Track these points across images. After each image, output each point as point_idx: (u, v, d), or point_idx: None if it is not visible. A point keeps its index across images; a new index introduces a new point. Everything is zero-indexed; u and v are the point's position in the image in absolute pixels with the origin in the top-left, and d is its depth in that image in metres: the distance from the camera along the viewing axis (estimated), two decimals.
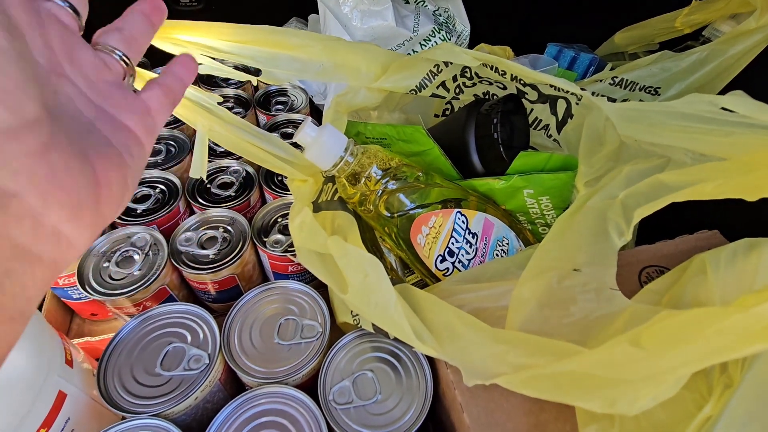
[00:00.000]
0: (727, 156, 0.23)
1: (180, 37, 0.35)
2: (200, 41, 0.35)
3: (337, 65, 0.37)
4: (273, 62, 0.36)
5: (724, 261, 0.30)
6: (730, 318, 0.17)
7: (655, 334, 0.19)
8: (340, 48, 0.37)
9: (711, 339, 0.17)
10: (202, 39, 0.35)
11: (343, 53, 0.37)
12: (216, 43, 0.35)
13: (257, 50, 0.35)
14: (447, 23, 0.75)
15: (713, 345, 0.17)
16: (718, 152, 0.23)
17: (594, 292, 0.29)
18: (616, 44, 0.65)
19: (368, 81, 0.39)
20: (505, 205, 0.45)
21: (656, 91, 0.47)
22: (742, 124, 0.21)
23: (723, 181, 0.22)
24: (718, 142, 0.22)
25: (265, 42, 0.35)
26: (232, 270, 0.43)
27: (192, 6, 0.75)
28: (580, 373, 0.21)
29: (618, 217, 0.30)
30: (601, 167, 0.37)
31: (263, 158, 0.38)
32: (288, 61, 0.36)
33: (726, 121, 0.22)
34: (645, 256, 0.42)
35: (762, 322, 0.16)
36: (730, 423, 0.22)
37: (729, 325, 0.17)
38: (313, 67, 0.37)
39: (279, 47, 0.36)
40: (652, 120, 0.25)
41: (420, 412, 0.33)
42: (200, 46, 0.35)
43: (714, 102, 0.22)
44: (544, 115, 0.43)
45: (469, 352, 0.27)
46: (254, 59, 0.36)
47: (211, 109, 0.36)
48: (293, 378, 0.34)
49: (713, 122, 0.22)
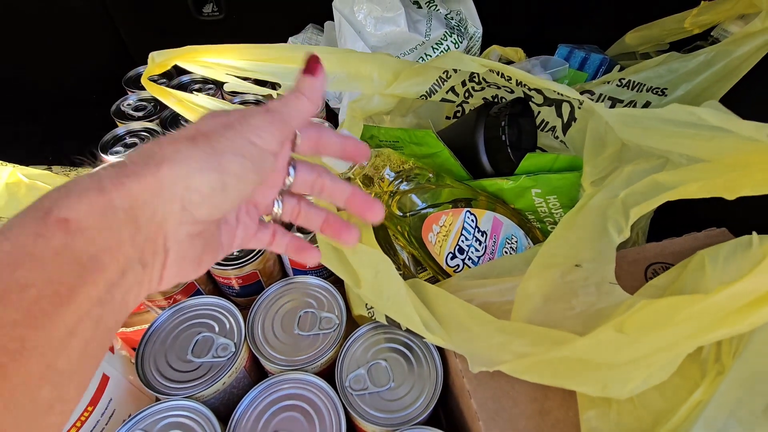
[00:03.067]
0: (711, 158, 0.24)
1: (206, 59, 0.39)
2: (224, 62, 0.38)
3: (350, 75, 0.40)
4: (290, 77, 0.39)
5: (723, 257, 0.32)
6: (700, 304, 0.18)
7: (636, 321, 0.21)
8: (353, 59, 0.40)
9: (683, 324, 0.19)
10: (226, 60, 0.38)
11: (356, 64, 0.40)
12: (238, 63, 0.38)
13: (275, 67, 0.38)
14: (459, 26, 0.76)
15: (686, 330, 0.19)
16: (703, 155, 0.25)
17: (594, 286, 0.31)
18: (627, 44, 0.66)
19: (381, 88, 0.41)
20: (514, 205, 0.46)
21: (663, 92, 0.48)
22: (720, 129, 0.22)
23: (706, 181, 0.24)
24: (702, 146, 0.23)
25: (282, 59, 0.38)
26: (254, 266, 0.46)
27: (214, 16, 0.79)
28: (574, 359, 0.23)
29: (618, 215, 0.32)
30: (605, 168, 0.39)
31: None
32: None
33: (707, 126, 0.23)
34: (652, 253, 0.43)
35: (724, 308, 0.18)
36: (718, 407, 0.24)
37: (697, 311, 0.18)
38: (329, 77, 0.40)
39: (295, 63, 0.38)
40: (645, 125, 0.26)
41: (430, 399, 0.35)
42: (224, 66, 0.38)
43: (692, 112, 0.24)
44: (551, 118, 0.45)
45: (475, 342, 0.29)
46: (274, 75, 0.39)
47: None
48: (312, 366, 0.37)
49: (696, 127, 0.23)
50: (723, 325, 0.18)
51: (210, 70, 0.40)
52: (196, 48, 0.40)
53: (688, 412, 0.25)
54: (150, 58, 0.42)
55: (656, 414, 0.27)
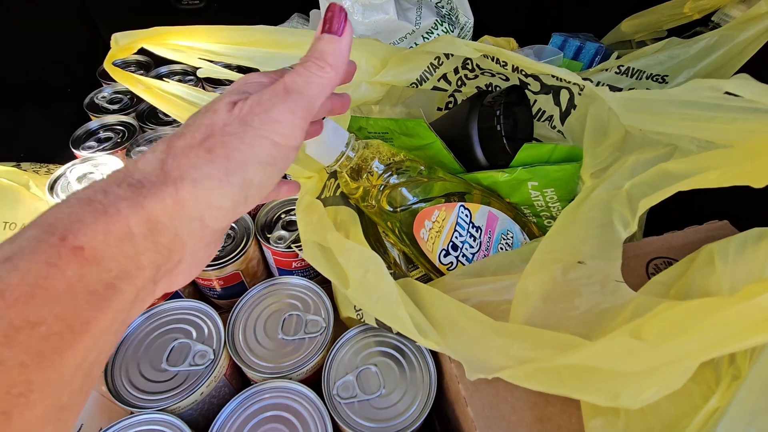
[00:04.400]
0: (732, 143, 0.22)
1: (177, 42, 0.36)
2: (198, 45, 0.35)
3: None
4: (270, 62, 0.36)
5: (733, 251, 0.30)
6: (732, 308, 0.16)
7: (656, 326, 0.18)
8: None
9: (712, 330, 0.17)
10: (199, 43, 0.35)
11: None
12: (213, 47, 0.35)
13: (254, 51, 0.35)
14: (450, 15, 0.74)
15: (715, 336, 0.17)
16: (722, 139, 0.23)
17: (599, 285, 0.29)
18: (623, 32, 0.64)
19: (368, 75, 0.39)
20: (509, 198, 0.44)
21: (663, 79, 0.46)
22: (746, 109, 0.20)
23: (727, 169, 0.22)
24: (721, 129, 0.21)
25: (261, 42, 0.35)
26: (236, 266, 0.44)
27: (194, 5, 0.75)
28: (582, 367, 0.21)
29: (623, 208, 0.30)
30: (606, 158, 0.37)
31: None
32: (285, 60, 0.36)
33: (729, 106, 0.21)
34: (653, 248, 0.42)
35: (758, 314, 0.16)
36: (737, 415, 0.22)
37: (731, 315, 0.16)
38: None
39: (276, 47, 0.35)
40: (655, 109, 0.24)
41: (424, 406, 0.33)
42: (198, 50, 0.35)
43: (717, 87, 0.22)
44: (548, 106, 0.43)
45: (472, 346, 0.27)
46: (252, 60, 0.36)
47: None
48: (297, 373, 0.35)
49: (716, 108, 0.21)
50: (756, 333, 0.16)
51: (181, 54, 0.37)
52: (166, 29, 0.37)
53: (705, 421, 0.23)
54: (113, 39, 0.38)
55: (668, 422, 0.25)
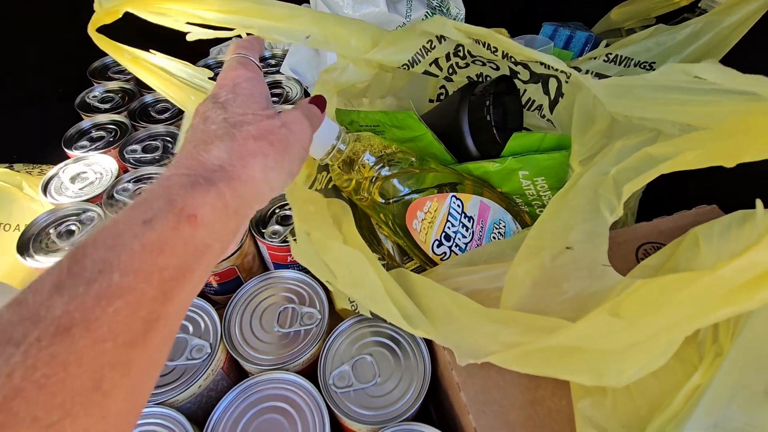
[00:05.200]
0: (707, 125, 0.22)
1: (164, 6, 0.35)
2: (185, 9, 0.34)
3: (326, 37, 0.36)
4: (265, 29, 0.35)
5: (718, 233, 0.30)
6: (701, 281, 0.17)
7: (633, 303, 0.19)
8: (329, 21, 0.36)
9: (684, 304, 0.17)
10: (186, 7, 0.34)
11: (333, 25, 0.36)
12: (203, 13, 0.34)
13: (246, 20, 0.35)
14: (441, 7, 0.74)
15: (687, 310, 0.17)
16: (698, 122, 0.23)
17: (586, 269, 0.29)
18: (613, 21, 0.64)
19: (359, 53, 0.38)
20: (501, 188, 0.45)
21: (651, 66, 0.47)
22: (717, 92, 0.21)
23: (703, 150, 0.22)
24: (697, 112, 0.22)
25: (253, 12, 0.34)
26: (232, 262, 0.44)
27: None
28: (567, 348, 0.22)
29: (609, 194, 0.30)
30: (594, 145, 0.37)
31: None
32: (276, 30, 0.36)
33: (702, 90, 0.21)
34: (642, 233, 0.42)
35: (727, 284, 0.16)
36: (719, 391, 0.23)
37: (699, 288, 0.17)
38: (301, 36, 0.36)
39: (267, 18, 0.35)
40: (636, 94, 0.24)
41: (418, 393, 0.33)
42: (185, 14, 0.34)
43: (687, 71, 0.22)
44: (537, 96, 0.43)
45: (463, 332, 0.28)
46: (243, 27, 0.35)
47: (202, 88, 0.35)
48: (294, 364, 0.35)
49: (691, 92, 0.22)
50: (729, 303, 0.17)
51: (168, 18, 0.35)
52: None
53: (687, 397, 0.23)
54: (96, 3, 0.37)
55: (653, 400, 0.25)
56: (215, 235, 0.20)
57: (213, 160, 0.21)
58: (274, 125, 0.23)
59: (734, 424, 0.22)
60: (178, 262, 0.18)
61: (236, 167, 0.21)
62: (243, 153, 0.22)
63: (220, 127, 0.22)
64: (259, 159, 0.22)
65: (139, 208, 0.18)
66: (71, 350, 0.14)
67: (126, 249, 0.16)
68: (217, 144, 0.22)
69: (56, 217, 0.45)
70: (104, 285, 0.15)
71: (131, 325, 0.16)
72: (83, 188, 0.49)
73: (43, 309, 0.14)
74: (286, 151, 0.23)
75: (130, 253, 0.16)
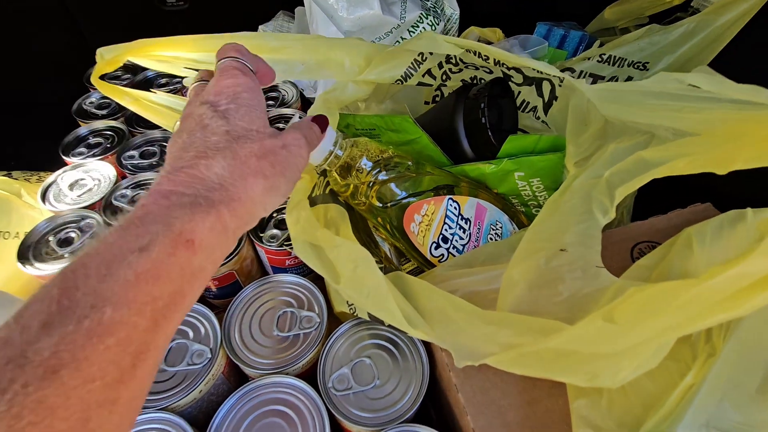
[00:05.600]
0: (700, 131, 0.23)
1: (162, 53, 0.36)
2: (182, 55, 0.35)
3: (320, 62, 0.37)
4: None
5: (710, 234, 0.31)
6: (691, 290, 0.17)
7: (627, 309, 0.19)
8: (321, 45, 0.37)
9: (676, 311, 0.18)
10: (183, 53, 0.35)
11: (325, 50, 0.37)
12: (197, 56, 0.35)
13: None
14: (435, 7, 0.74)
15: (679, 317, 0.18)
16: (691, 128, 0.23)
17: (580, 271, 0.30)
18: (607, 20, 0.65)
19: (353, 75, 0.39)
20: (497, 189, 0.45)
21: (645, 66, 0.47)
22: (710, 99, 0.21)
23: (695, 156, 0.23)
24: (690, 119, 0.22)
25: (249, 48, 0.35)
26: (230, 266, 0.44)
27: (179, 5, 0.75)
28: (562, 350, 0.22)
29: (603, 196, 0.30)
30: (588, 147, 0.38)
31: None
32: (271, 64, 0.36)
33: (695, 97, 0.22)
34: (637, 232, 0.42)
35: (719, 293, 0.17)
36: (711, 390, 0.23)
37: (691, 297, 0.17)
38: (296, 67, 0.37)
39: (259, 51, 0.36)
40: (629, 100, 0.25)
41: (417, 395, 0.34)
42: (183, 60, 0.36)
43: (681, 80, 0.22)
44: (531, 98, 0.43)
45: (460, 334, 0.28)
46: None
47: None
48: (293, 368, 0.35)
49: (684, 99, 0.22)
50: (719, 311, 0.17)
51: (166, 64, 0.37)
52: (150, 41, 0.37)
53: (681, 397, 0.24)
54: (98, 54, 0.38)
55: (648, 399, 0.26)
56: (211, 258, 0.20)
57: (213, 177, 0.20)
58: (276, 145, 0.23)
59: (726, 422, 0.23)
60: (173, 289, 0.17)
61: (237, 187, 0.21)
62: (244, 172, 0.21)
63: (221, 140, 0.22)
64: (259, 180, 0.22)
65: (135, 230, 0.18)
66: (59, 393, 0.14)
67: (120, 279, 0.16)
68: (218, 159, 0.21)
69: (55, 225, 0.46)
70: (95, 321, 0.15)
71: (121, 361, 0.15)
72: (82, 195, 0.49)
73: (31, 351, 0.14)
74: (284, 173, 0.23)
75: (123, 284, 0.16)
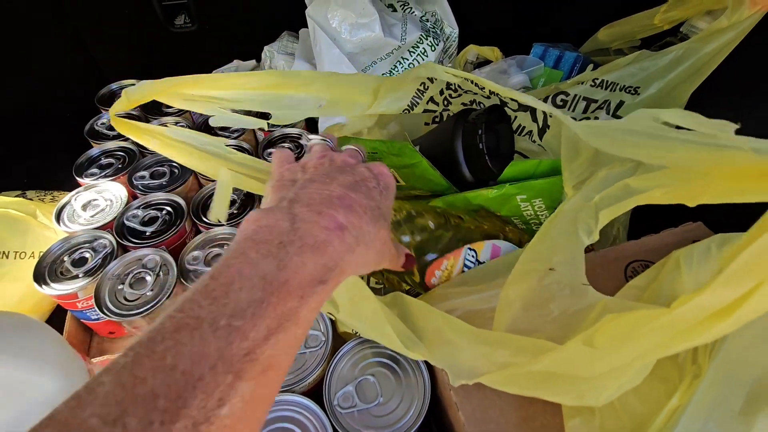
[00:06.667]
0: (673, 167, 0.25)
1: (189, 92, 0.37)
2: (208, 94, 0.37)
3: (334, 101, 0.39)
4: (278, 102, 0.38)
5: (697, 257, 0.32)
6: (661, 319, 0.19)
7: (605, 335, 0.21)
8: (335, 82, 0.39)
9: (648, 338, 0.20)
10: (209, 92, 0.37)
11: (341, 87, 0.39)
12: (223, 94, 0.37)
13: (263, 94, 0.37)
14: (435, 28, 0.76)
15: (650, 343, 0.20)
16: (666, 164, 0.25)
17: (569, 289, 0.31)
18: (601, 41, 0.67)
19: (363, 110, 0.41)
20: (500, 212, 0.46)
21: (636, 90, 0.49)
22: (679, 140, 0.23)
23: (669, 188, 0.24)
24: (664, 156, 0.24)
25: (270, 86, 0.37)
26: None
27: (186, 27, 0.77)
28: (551, 371, 0.24)
29: (589, 219, 0.32)
30: (582, 172, 0.39)
31: None
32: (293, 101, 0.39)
33: (667, 137, 0.24)
34: (631, 251, 0.44)
35: (685, 322, 0.18)
36: (696, 410, 0.24)
37: (660, 325, 0.19)
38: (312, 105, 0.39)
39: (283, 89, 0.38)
40: (610, 136, 0.27)
41: (419, 413, 0.35)
42: (208, 98, 0.37)
43: (657, 117, 0.24)
44: (527, 122, 0.45)
45: (456, 354, 0.30)
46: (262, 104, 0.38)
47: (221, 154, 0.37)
48: (300, 386, 0.37)
49: (657, 138, 0.24)
50: (685, 340, 0.19)
51: (192, 103, 0.38)
52: (175, 80, 0.37)
53: (668, 418, 0.25)
54: (124, 94, 0.39)
55: (638, 419, 0.27)
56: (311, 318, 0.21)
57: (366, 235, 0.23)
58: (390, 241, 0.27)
59: None
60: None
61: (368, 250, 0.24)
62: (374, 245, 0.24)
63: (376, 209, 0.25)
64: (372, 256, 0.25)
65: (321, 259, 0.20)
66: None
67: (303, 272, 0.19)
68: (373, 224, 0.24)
69: (70, 246, 0.47)
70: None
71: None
72: (95, 216, 0.51)
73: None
74: (379, 263, 0.27)
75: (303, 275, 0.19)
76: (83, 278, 0.44)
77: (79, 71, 0.81)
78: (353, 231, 0.22)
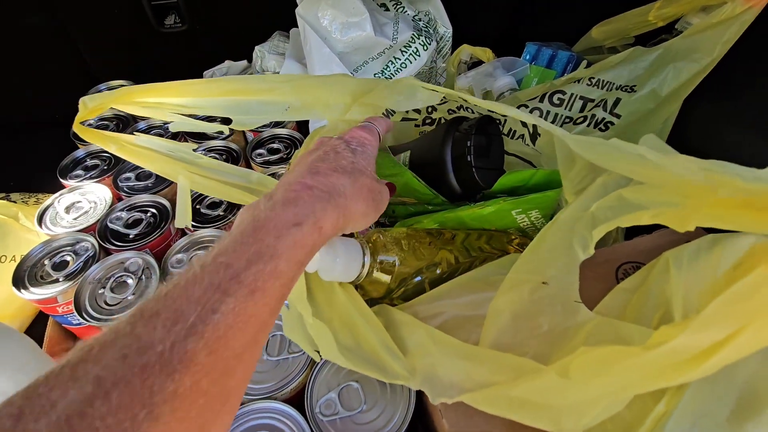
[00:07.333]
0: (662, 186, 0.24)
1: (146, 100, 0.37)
2: (167, 101, 0.36)
3: (305, 103, 0.38)
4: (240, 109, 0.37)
5: (687, 259, 0.31)
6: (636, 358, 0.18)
7: (579, 366, 0.20)
8: (308, 85, 0.38)
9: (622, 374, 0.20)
10: (168, 99, 0.36)
11: (313, 90, 0.38)
12: (183, 101, 0.36)
13: (224, 101, 0.37)
14: (428, 27, 0.75)
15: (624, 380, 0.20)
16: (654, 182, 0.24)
17: (560, 305, 0.31)
18: (594, 39, 0.66)
19: (339, 113, 0.40)
20: (496, 226, 0.45)
21: (632, 89, 0.48)
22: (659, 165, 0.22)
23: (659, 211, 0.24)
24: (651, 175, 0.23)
25: (230, 92, 0.37)
26: None
27: (176, 27, 0.77)
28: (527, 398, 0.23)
29: (586, 231, 0.31)
30: (581, 180, 0.37)
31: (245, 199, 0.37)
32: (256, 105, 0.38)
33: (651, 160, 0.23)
34: (622, 253, 0.43)
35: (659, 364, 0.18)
36: (681, 418, 0.23)
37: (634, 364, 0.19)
38: (279, 109, 0.38)
39: (246, 94, 0.37)
40: (599, 150, 0.26)
41: (403, 421, 0.34)
42: (168, 105, 0.36)
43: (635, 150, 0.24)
44: (517, 127, 0.44)
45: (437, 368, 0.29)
46: (225, 109, 0.37)
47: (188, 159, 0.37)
48: (282, 392, 0.36)
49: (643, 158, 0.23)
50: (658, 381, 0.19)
51: (151, 110, 0.37)
52: (134, 88, 0.37)
53: (654, 425, 0.24)
54: (81, 103, 0.38)
55: (624, 426, 0.26)
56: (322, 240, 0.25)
57: (340, 187, 0.27)
58: (378, 188, 0.31)
59: None
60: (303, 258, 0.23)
61: (350, 200, 0.27)
62: (357, 195, 0.28)
63: (348, 166, 0.29)
64: (361, 204, 0.28)
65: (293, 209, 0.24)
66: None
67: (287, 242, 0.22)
68: (345, 178, 0.28)
69: (51, 249, 0.46)
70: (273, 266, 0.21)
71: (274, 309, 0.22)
72: (78, 218, 0.50)
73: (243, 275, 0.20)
74: (377, 208, 0.31)
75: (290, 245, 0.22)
76: (63, 282, 0.43)
77: (68, 72, 0.80)
78: (322, 186, 0.26)
